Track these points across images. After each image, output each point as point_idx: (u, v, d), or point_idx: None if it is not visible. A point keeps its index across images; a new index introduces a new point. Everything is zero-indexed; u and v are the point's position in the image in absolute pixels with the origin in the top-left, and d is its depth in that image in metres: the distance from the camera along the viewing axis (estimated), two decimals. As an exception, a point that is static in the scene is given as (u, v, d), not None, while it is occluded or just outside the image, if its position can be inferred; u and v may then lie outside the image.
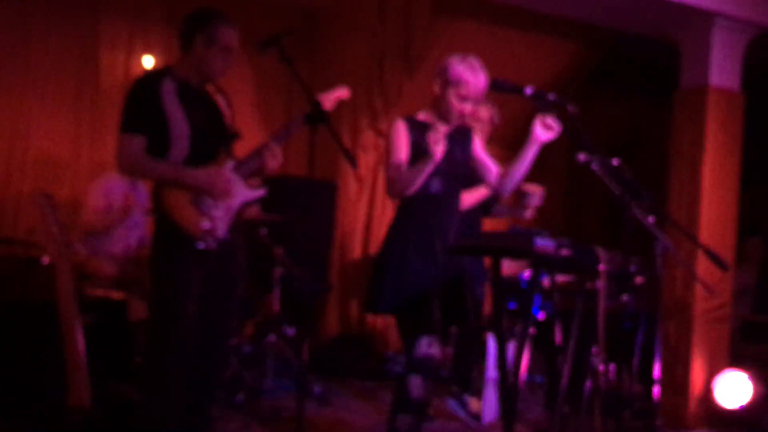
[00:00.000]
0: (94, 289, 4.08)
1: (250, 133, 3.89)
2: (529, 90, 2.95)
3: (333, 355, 5.32)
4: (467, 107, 3.20)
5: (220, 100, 3.15)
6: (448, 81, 3.18)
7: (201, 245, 2.91)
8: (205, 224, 2.92)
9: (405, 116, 3.30)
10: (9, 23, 5.17)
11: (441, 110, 3.25)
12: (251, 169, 3.10)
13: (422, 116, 3.31)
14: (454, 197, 3.38)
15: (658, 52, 5.47)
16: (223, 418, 3.86)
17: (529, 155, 3.13)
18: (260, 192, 3.15)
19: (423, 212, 3.27)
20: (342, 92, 3.28)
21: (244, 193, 3.09)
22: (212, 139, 3.04)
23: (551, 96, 2.94)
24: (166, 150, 2.92)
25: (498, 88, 3.03)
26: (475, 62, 3.19)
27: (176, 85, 2.98)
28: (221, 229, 2.98)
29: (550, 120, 2.98)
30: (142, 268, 4.26)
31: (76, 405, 2.66)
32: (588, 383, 3.36)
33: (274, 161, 3.05)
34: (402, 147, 3.21)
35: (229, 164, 3.05)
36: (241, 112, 3.60)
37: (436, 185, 3.23)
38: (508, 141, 3.23)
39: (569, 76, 6.09)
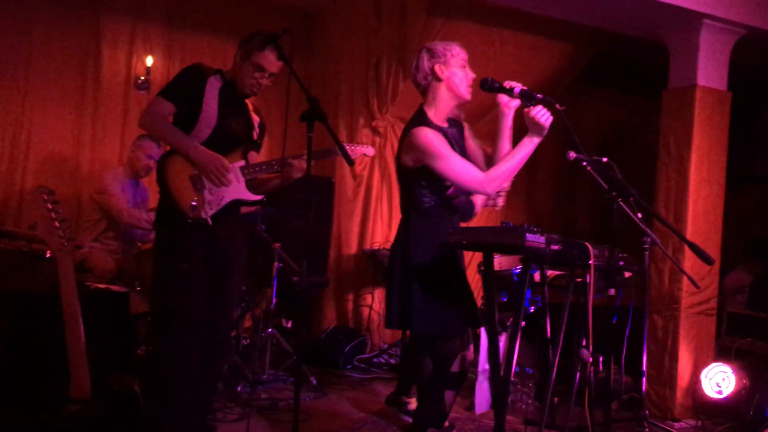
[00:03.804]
0: (95, 282, 4.16)
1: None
2: (517, 89, 2.99)
3: (329, 347, 5.39)
4: (471, 72, 3.12)
5: (254, 117, 3.37)
6: (444, 57, 3.07)
7: (186, 217, 3.10)
8: (194, 200, 3.12)
9: (421, 125, 3.05)
10: (11, 22, 5.23)
11: (455, 91, 3.10)
12: (257, 174, 3.26)
13: (437, 120, 3.11)
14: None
15: (647, 52, 5.54)
16: (221, 409, 3.92)
17: (524, 149, 2.99)
18: (256, 197, 3.30)
19: (451, 217, 3.18)
20: (368, 150, 3.47)
21: (240, 190, 3.25)
22: (232, 139, 3.24)
23: (539, 95, 2.97)
24: (189, 130, 3.16)
25: (486, 88, 3.05)
26: (437, 41, 3.20)
27: (222, 84, 3.23)
28: (208, 211, 3.16)
29: (540, 109, 2.93)
30: (142, 263, 4.35)
31: (77, 396, 2.70)
32: (577, 375, 3.42)
33: (297, 173, 3.25)
34: (451, 150, 3.01)
35: (239, 163, 3.24)
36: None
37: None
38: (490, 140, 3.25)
39: (560, 75, 6.16)
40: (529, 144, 2.99)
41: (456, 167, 2.99)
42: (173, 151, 3.18)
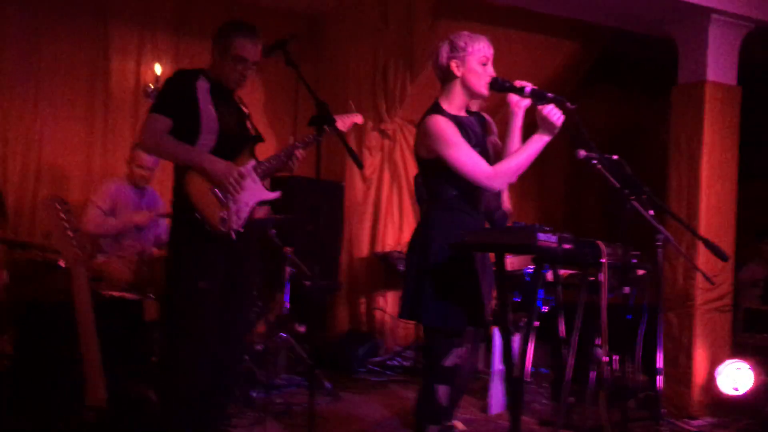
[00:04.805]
0: (109, 291, 4.18)
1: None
2: (528, 88, 2.97)
3: (342, 351, 5.40)
4: (492, 70, 3.06)
5: (244, 108, 3.32)
6: (463, 53, 3.02)
7: (218, 232, 3.04)
8: (223, 213, 3.05)
9: (434, 113, 3.03)
10: (20, 32, 5.27)
11: (471, 88, 3.05)
12: (269, 169, 3.24)
13: (452, 110, 3.07)
14: None
15: (655, 49, 5.52)
16: (236, 414, 3.92)
17: (534, 146, 2.94)
18: (275, 194, 3.28)
19: (473, 210, 3.12)
20: (357, 118, 3.44)
21: (261, 192, 3.23)
22: (237, 138, 3.20)
23: (550, 94, 2.95)
24: (193, 141, 3.07)
25: (497, 87, 3.04)
26: (464, 33, 3.11)
27: (210, 84, 3.15)
28: (236, 221, 3.11)
29: (552, 108, 2.90)
30: (156, 270, 4.36)
31: (92, 404, 2.72)
32: (592, 374, 3.41)
33: (295, 163, 3.24)
34: (462, 140, 2.97)
35: (250, 163, 3.20)
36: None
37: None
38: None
39: (568, 73, 6.15)
40: (539, 141, 2.97)
41: (464, 156, 2.96)
42: (188, 168, 3.07)
